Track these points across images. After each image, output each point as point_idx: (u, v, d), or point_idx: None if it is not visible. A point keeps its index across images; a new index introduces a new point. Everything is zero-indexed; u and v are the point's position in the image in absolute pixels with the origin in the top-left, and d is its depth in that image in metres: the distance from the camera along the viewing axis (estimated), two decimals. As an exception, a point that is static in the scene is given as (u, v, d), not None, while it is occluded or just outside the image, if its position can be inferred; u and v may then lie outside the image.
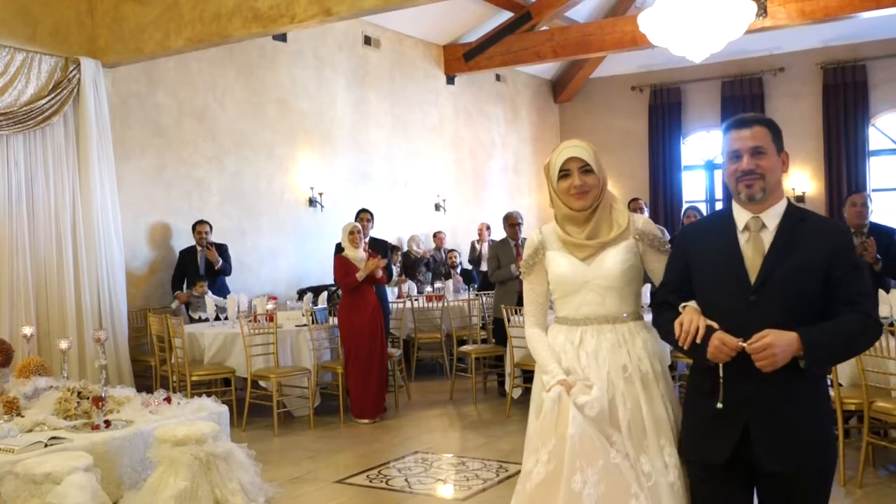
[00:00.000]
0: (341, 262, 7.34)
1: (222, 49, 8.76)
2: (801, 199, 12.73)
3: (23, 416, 4.32)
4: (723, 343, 2.51)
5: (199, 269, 8.28)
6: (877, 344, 4.94)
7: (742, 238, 2.64)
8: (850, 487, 5.10)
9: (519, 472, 2.86)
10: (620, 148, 13.63)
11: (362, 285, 7.25)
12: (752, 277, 2.57)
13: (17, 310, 6.95)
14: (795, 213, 2.64)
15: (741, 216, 2.67)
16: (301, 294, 9.09)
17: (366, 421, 7.24)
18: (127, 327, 7.83)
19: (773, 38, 11.80)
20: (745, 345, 2.46)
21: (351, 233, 7.35)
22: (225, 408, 4.64)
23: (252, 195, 9.44)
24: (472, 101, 12.85)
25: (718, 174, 13.35)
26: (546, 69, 14.18)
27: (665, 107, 13.80)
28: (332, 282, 8.83)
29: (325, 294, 8.76)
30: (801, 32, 11.07)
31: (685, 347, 2.61)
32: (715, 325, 2.56)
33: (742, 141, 2.62)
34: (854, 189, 11.97)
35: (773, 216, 2.62)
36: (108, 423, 4.21)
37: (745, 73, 13.06)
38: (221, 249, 8.41)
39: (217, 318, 7.75)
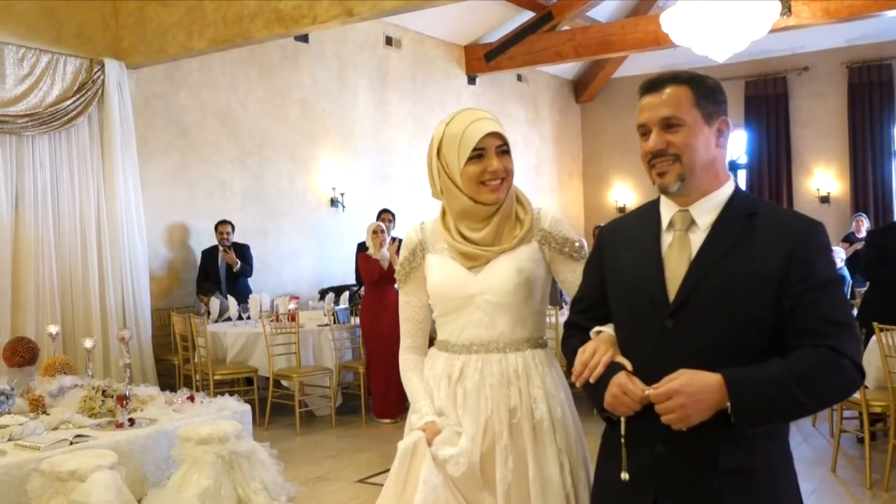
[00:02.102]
0: (364, 259, 7.37)
1: (245, 50, 8.81)
2: (825, 199, 12.62)
3: (48, 414, 4.37)
4: (623, 391, 1.83)
5: (219, 270, 8.33)
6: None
7: (666, 240, 1.93)
8: (876, 491, 5.05)
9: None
10: (642, 148, 13.54)
11: (384, 283, 7.26)
12: (672, 294, 1.86)
13: (42, 309, 7.01)
14: (742, 205, 1.90)
15: (667, 210, 1.96)
16: (323, 294, 9.12)
17: (387, 420, 7.25)
18: (151, 326, 7.89)
19: (797, 38, 11.70)
20: (650, 391, 1.78)
21: (375, 232, 7.39)
22: (247, 407, 4.66)
23: (274, 195, 9.48)
24: (494, 102, 12.82)
25: (742, 174, 13.25)
26: (567, 69, 14.14)
27: (687, 106, 13.71)
28: (354, 282, 8.85)
29: (346, 294, 8.78)
30: (825, 31, 10.96)
31: (577, 385, 1.97)
32: (626, 363, 1.89)
33: (651, 110, 1.91)
34: (880, 189, 11.87)
35: (707, 209, 1.90)
36: (132, 422, 4.24)
37: (768, 72, 12.95)
38: (243, 250, 8.44)
39: (239, 318, 7.79)
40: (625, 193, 14.11)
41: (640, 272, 1.93)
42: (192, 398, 4.72)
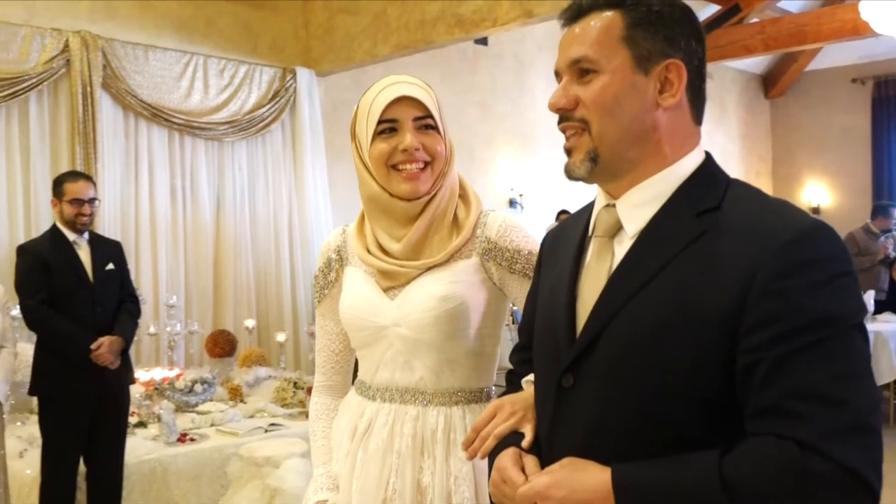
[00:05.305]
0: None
1: (426, 55, 8.99)
2: None
3: (245, 403, 4.66)
4: (501, 478, 1.24)
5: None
6: None
7: (591, 248, 1.29)
8: None
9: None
10: (840, 146, 12.73)
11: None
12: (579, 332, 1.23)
13: (240, 304, 7.44)
14: (700, 195, 1.19)
15: (598, 206, 1.34)
16: (500, 294, 9.17)
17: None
18: (336, 323, 8.20)
19: None
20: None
21: (550, 234, 7.35)
22: (428, 403, 4.76)
23: (453, 197, 9.63)
24: (676, 99, 12.45)
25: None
26: (756, 63, 13.52)
27: (891, 100, 12.77)
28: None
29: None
30: None
31: (467, 459, 1.44)
32: (528, 434, 1.31)
33: (562, 50, 1.24)
34: None
35: (640, 203, 1.22)
36: (320, 413, 4.44)
37: None
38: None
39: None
40: (819, 194, 13.30)
41: (552, 301, 1.30)
42: (375, 393, 4.88)
